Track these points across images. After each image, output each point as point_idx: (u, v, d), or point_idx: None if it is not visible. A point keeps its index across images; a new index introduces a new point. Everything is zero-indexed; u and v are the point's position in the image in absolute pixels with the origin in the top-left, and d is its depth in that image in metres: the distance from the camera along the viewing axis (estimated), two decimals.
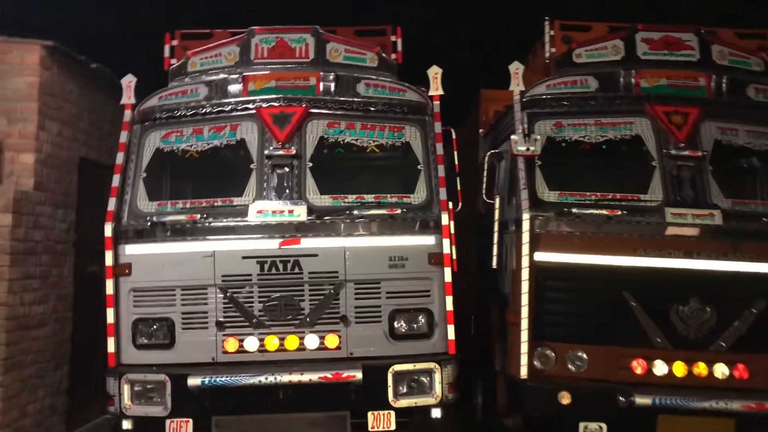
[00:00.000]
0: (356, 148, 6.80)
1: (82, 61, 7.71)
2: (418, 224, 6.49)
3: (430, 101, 6.98)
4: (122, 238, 6.41)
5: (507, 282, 6.99)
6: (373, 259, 6.38)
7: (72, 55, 7.60)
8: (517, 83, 7.06)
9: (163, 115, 6.83)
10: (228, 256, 6.30)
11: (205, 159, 6.80)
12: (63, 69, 7.64)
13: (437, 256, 6.42)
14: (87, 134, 8.21)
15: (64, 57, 7.55)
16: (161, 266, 6.35)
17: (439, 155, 6.73)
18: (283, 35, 7.22)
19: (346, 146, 6.80)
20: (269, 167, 6.52)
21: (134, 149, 6.79)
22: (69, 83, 7.77)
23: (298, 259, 6.31)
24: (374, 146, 6.81)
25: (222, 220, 6.39)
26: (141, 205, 6.56)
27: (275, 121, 6.66)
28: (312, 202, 6.45)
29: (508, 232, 7.12)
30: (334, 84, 6.84)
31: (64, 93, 7.62)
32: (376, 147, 6.81)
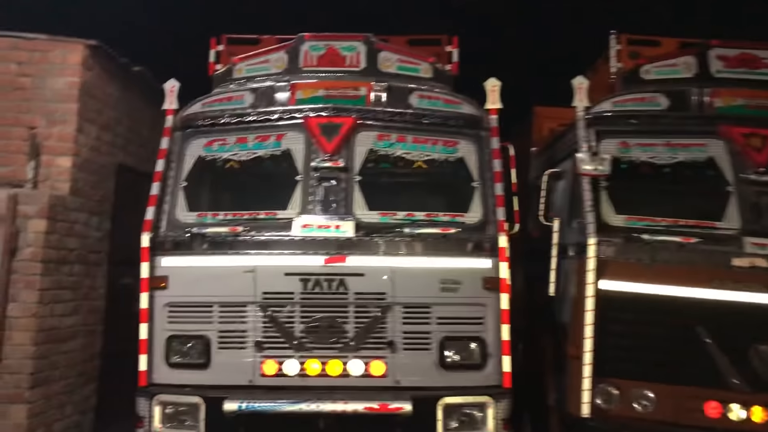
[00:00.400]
0: (407, 163, 6.42)
1: (123, 64, 7.46)
2: (472, 246, 6.06)
3: (486, 115, 6.57)
4: (159, 250, 6.07)
5: (566, 311, 6.50)
6: (423, 281, 5.95)
7: (114, 57, 7.36)
8: (581, 98, 6.63)
9: (206, 122, 6.52)
10: (270, 272, 5.92)
11: (248, 169, 6.46)
12: (104, 71, 7.40)
13: (493, 281, 5.97)
14: (125, 140, 7.95)
15: (105, 58, 7.30)
16: (199, 280, 5.99)
17: (497, 172, 6.31)
18: (334, 43, 6.90)
19: (396, 160, 6.43)
20: (316, 180, 6.16)
21: (175, 157, 6.47)
22: (109, 86, 7.53)
23: (343, 278, 5.90)
24: (426, 161, 6.41)
25: (265, 233, 6.02)
26: (180, 216, 6.22)
27: (323, 131, 6.31)
28: (360, 217, 6.05)
29: (567, 258, 6.65)
30: (385, 94, 6.48)
31: (104, 95, 7.37)
32: (427, 162, 6.42)
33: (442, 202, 6.52)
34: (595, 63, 7.93)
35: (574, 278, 6.32)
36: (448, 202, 6.53)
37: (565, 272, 6.65)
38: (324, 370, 5.83)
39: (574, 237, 6.53)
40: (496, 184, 6.25)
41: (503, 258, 5.97)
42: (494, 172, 6.30)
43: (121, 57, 7.36)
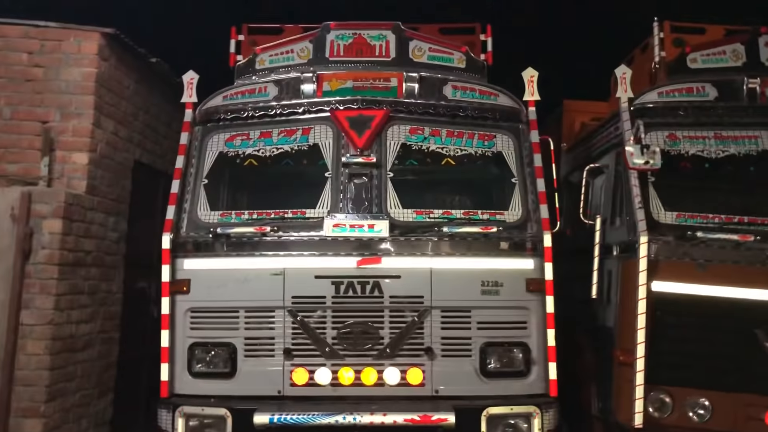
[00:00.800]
0: (442, 158, 6.04)
1: (141, 54, 7.07)
2: (514, 245, 5.70)
3: (524, 107, 6.21)
4: (181, 251, 5.72)
5: (611, 314, 6.14)
6: (463, 283, 5.60)
7: (132, 47, 6.95)
8: (625, 89, 6.26)
9: (227, 116, 6.15)
10: (299, 274, 5.58)
11: (274, 165, 6.10)
12: (121, 61, 6.98)
13: (536, 283, 5.61)
14: (142, 135, 7.55)
15: (122, 48, 6.88)
16: (224, 284, 5.64)
17: (538, 167, 5.94)
18: (361, 31, 6.53)
19: (430, 155, 6.05)
20: (346, 176, 5.80)
21: (195, 153, 6.11)
22: (126, 78, 7.11)
23: (378, 280, 5.55)
24: (462, 156, 6.04)
25: (293, 234, 5.66)
26: (202, 215, 5.86)
27: (353, 125, 5.94)
28: (394, 216, 5.70)
29: (611, 258, 6.28)
30: (417, 86, 6.11)
31: (121, 88, 6.97)
32: (463, 157, 6.05)
33: (480, 200, 6.17)
34: (631, 53, 7.58)
35: (622, 279, 5.96)
36: (487, 200, 6.18)
37: (609, 273, 6.30)
38: (358, 378, 5.48)
39: (619, 236, 6.18)
40: (538, 179, 5.89)
41: (548, 258, 5.61)
42: (535, 167, 5.94)
43: (137, 46, 6.96)
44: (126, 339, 7.11)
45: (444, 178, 6.38)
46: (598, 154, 6.98)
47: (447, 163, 6.08)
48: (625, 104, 6.22)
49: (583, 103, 8.39)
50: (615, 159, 6.43)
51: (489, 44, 6.76)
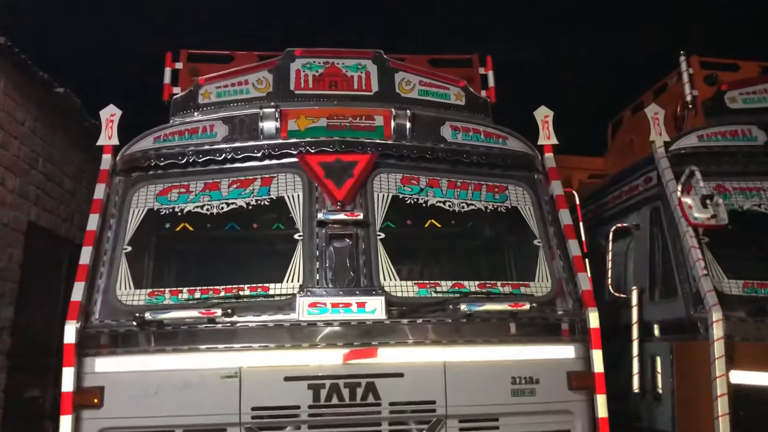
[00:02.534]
0: (444, 215, 4.71)
1: (43, 80, 5.41)
2: (549, 327, 4.33)
3: (539, 153, 4.99)
4: (91, 347, 4.08)
5: (664, 415, 4.80)
6: (487, 381, 4.17)
7: (29, 66, 5.31)
8: (659, 131, 5.18)
9: (160, 162, 4.68)
10: (262, 376, 4.04)
11: (223, 226, 4.69)
12: (14, 86, 5.33)
13: (581, 377, 4.26)
14: (41, 190, 5.80)
15: (16, 68, 5.26)
16: (153, 394, 4.00)
17: (567, 226, 4.68)
18: (335, 60, 5.32)
19: (429, 211, 4.71)
20: (323, 238, 4.37)
21: (115, 210, 4.57)
22: (21, 110, 5.44)
23: (373, 381, 4.07)
24: (469, 212, 4.73)
25: (252, 318, 4.13)
26: (123, 295, 4.26)
27: (329, 173, 4.58)
28: (390, 290, 4.26)
29: (652, 340, 5.01)
30: (409, 125, 4.87)
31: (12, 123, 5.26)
32: (470, 213, 4.75)
33: (497, 268, 4.85)
34: (639, 98, 6.62)
35: (678, 368, 4.66)
36: (505, 268, 4.87)
37: (653, 360, 5.00)
38: None
39: (666, 312, 4.96)
40: (569, 240, 4.61)
41: (596, 344, 4.26)
42: (564, 226, 4.66)
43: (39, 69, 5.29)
44: None
45: (448, 240, 5.05)
46: (618, 213, 5.80)
47: (450, 221, 4.80)
48: (661, 149, 5.14)
49: (577, 159, 7.32)
50: (650, 216, 5.26)
51: (491, 78, 5.58)
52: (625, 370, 5.11)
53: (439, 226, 4.84)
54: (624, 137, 7.03)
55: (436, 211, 4.71)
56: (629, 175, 5.70)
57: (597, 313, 4.31)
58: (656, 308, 5.07)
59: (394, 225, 4.64)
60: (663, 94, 6.17)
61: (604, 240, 5.79)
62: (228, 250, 4.95)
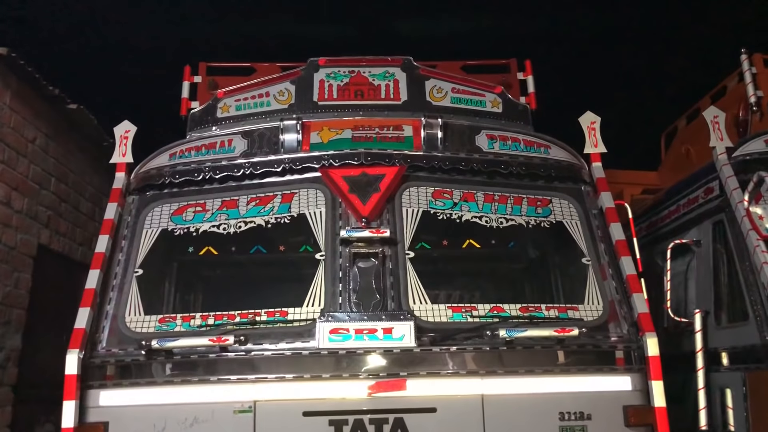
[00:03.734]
0: (480, 231, 4.31)
1: (54, 96, 5.20)
2: (600, 355, 3.83)
3: (585, 163, 4.54)
4: (95, 379, 3.76)
5: None
6: (532, 417, 3.70)
7: (38, 81, 5.10)
8: (721, 136, 4.66)
9: (176, 180, 4.41)
10: (279, 410, 3.66)
11: (240, 247, 4.40)
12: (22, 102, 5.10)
13: (640, 413, 3.74)
14: (53, 211, 5.56)
15: (24, 82, 5.03)
16: (161, 429, 3.64)
17: (620, 242, 4.19)
18: (361, 68, 5.01)
19: (463, 227, 4.28)
20: (347, 258, 4.00)
21: (127, 231, 4.29)
22: (30, 126, 5.20)
23: (401, 417, 3.65)
24: (508, 228, 4.29)
25: (269, 346, 3.76)
26: (132, 322, 3.94)
27: (354, 187, 4.24)
28: (420, 315, 3.84)
29: (720, 370, 4.43)
30: (441, 135, 4.49)
31: (20, 140, 5.06)
32: (510, 229, 4.31)
33: (540, 290, 4.35)
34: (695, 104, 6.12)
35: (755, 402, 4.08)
36: (549, 289, 4.39)
37: (721, 392, 4.42)
38: None
39: (735, 338, 4.39)
40: (622, 258, 4.11)
41: (656, 374, 3.74)
42: (615, 242, 4.19)
43: (48, 83, 5.08)
44: None
45: (484, 259, 4.61)
46: (675, 229, 5.26)
47: (487, 238, 4.38)
48: (723, 155, 4.62)
49: (627, 173, 6.81)
50: (712, 231, 4.72)
51: (530, 84, 5.17)
52: (688, 405, 4.55)
53: (474, 244, 4.44)
54: (679, 148, 6.51)
55: (472, 228, 4.29)
56: (687, 186, 5.16)
57: (656, 338, 3.80)
58: (724, 334, 4.50)
59: (425, 243, 4.26)
60: (722, 98, 5.64)
61: (660, 259, 5.28)
62: (245, 272, 4.65)
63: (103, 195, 5.94)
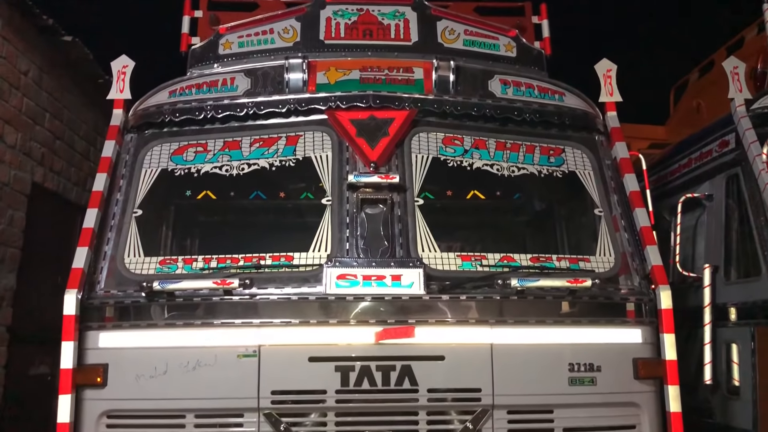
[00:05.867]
0: (491, 180, 4.20)
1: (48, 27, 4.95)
2: (612, 307, 3.77)
3: (600, 112, 4.41)
4: (94, 320, 3.65)
5: (743, 411, 4.19)
6: (541, 368, 3.65)
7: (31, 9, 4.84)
8: (740, 87, 4.53)
9: (176, 118, 4.22)
10: (284, 355, 3.58)
11: (243, 189, 4.29)
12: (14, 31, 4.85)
13: (651, 366, 3.69)
14: (47, 149, 5.34)
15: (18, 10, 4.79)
16: (161, 373, 3.56)
17: (634, 193, 4.09)
18: (369, 6, 4.83)
19: (474, 175, 4.17)
20: (355, 203, 3.87)
21: (125, 171, 4.13)
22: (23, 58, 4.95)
23: (409, 364, 3.57)
24: (519, 177, 4.18)
25: (274, 291, 3.65)
26: (131, 263, 3.82)
27: (362, 131, 4.09)
28: (429, 263, 3.73)
29: (728, 326, 4.40)
30: (453, 78, 4.33)
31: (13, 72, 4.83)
32: (522, 178, 4.20)
33: (551, 240, 4.28)
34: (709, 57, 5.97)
35: (762, 358, 4.05)
36: (560, 240, 4.32)
37: (727, 347, 4.40)
38: None
39: (745, 293, 4.34)
40: (636, 210, 4.02)
41: (668, 327, 3.68)
42: (630, 193, 4.10)
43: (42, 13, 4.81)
44: None
45: (495, 208, 4.51)
46: (685, 184, 5.16)
47: (499, 186, 4.29)
48: (741, 107, 4.49)
49: (635, 127, 6.67)
50: (726, 185, 4.63)
51: (545, 28, 5.00)
52: (691, 361, 4.52)
53: (485, 193, 4.35)
54: (689, 103, 6.37)
55: (483, 176, 4.17)
56: (700, 139, 5.04)
57: (669, 291, 3.73)
58: (733, 289, 4.45)
59: (434, 190, 4.14)
60: (738, 50, 5.48)
61: (668, 214, 5.20)
62: (249, 216, 4.52)
63: (98, 134, 5.75)
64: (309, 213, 4.08)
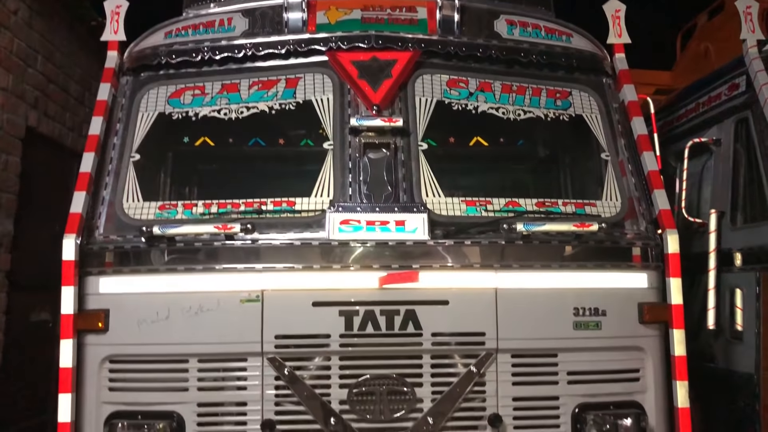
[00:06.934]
0: (496, 123, 4.11)
1: None
2: (618, 252, 3.74)
3: (608, 55, 4.30)
4: (93, 266, 3.61)
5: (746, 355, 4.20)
6: (546, 312, 3.63)
7: None
8: (752, 27, 4.41)
9: (172, 60, 4.10)
10: (287, 300, 3.54)
11: (243, 133, 4.19)
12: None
13: (656, 310, 3.68)
14: (40, 91, 5.20)
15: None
16: (163, 318, 3.53)
17: (642, 137, 4.02)
18: None
19: (479, 119, 4.08)
20: (357, 148, 3.80)
21: (122, 114, 4.03)
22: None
23: (413, 308, 3.54)
24: (525, 120, 4.10)
25: (276, 236, 3.60)
26: (130, 208, 3.76)
27: (364, 73, 3.98)
28: (433, 208, 3.68)
29: (734, 271, 4.38)
30: (458, 18, 4.19)
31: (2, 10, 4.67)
32: (528, 122, 4.12)
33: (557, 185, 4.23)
34: None
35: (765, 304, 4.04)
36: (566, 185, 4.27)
37: (731, 293, 4.38)
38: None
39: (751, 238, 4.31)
40: (644, 153, 3.95)
41: (674, 271, 3.66)
42: (637, 136, 4.03)
43: None
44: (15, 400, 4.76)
45: (501, 152, 4.43)
46: (692, 129, 5.08)
47: (504, 130, 4.22)
48: (753, 48, 4.38)
49: (640, 72, 6.51)
50: (734, 129, 4.54)
51: None
52: (696, 306, 4.52)
53: (490, 137, 4.27)
54: (697, 47, 6.23)
55: (488, 119, 4.07)
56: (709, 83, 4.92)
57: (677, 235, 3.69)
58: (739, 235, 4.41)
59: (439, 134, 4.06)
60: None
61: (674, 160, 5.13)
62: (249, 160, 4.42)
63: (92, 79, 5.60)
64: (310, 158, 3.99)
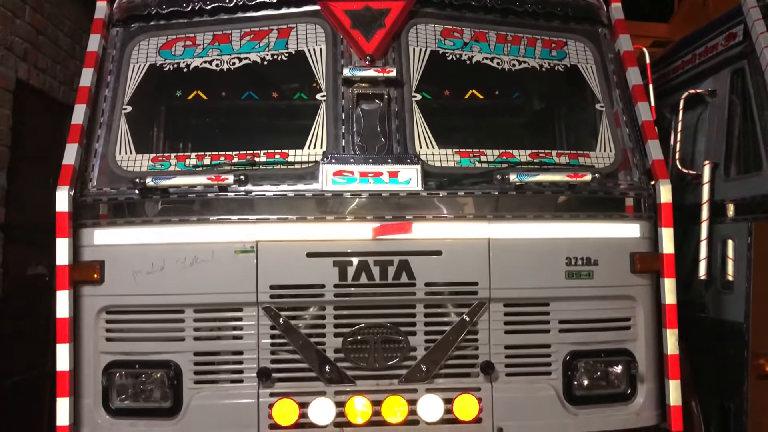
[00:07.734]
0: (491, 74, 4.08)
1: None
2: (610, 202, 3.76)
3: (605, 4, 4.25)
4: (88, 217, 3.63)
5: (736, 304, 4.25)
6: (538, 262, 3.66)
7: None
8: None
9: (162, 10, 4.04)
10: (282, 251, 3.57)
11: (235, 84, 4.16)
12: None
13: (647, 259, 3.74)
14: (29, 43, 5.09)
15: None
16: (158, 269, 3.56)
17: (637, 87, 4.00)
18: None
19: (473, 69, 4.05)
20: (351, 99, 3.78)
21: (113, 66, 3.98)
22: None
23: (407, 259, 3.58)
24: (520, 71, 4.07)
25: (270, 188, 3.61)
26: (123, 160, 3.75)
27: (357, 22, 3.92)
28: (427, 159, 3.69)
29: (725, 222, 4.40)
30: None
31: None
32: (523, 72, 4.09)
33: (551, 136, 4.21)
34: None
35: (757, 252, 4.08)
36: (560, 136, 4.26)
37: (723, 243, 4.41)
38: (377, 414, 3.54)
39: (744, 189, 4.31)
40: (639, 104, 3.94)
41: (666, 221, 3.68)
42: (633, 87, 3.99)
43: None
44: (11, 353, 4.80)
45: (495, 103, 4.41)
46: (687, 81, 5.04)
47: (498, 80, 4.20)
48: None
49: (637, 24, 6.48)
50: (730, 80, 4.51)
51: None
52: (687, 257, 4.55)
53: (485, 87, 4.25)
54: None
55: (483, 70, 4.04)
56: (706, 33, 4.87)
57: (670, 185, 3.70)
58: (732, 186, 4.42)
59: (433, 85, 4.03)
60: None
61: (669, 112, 5.11)
62: (241, 112, 4.39)
63: (82, 31, 5.50)
64: (303, 109, 3.98)
